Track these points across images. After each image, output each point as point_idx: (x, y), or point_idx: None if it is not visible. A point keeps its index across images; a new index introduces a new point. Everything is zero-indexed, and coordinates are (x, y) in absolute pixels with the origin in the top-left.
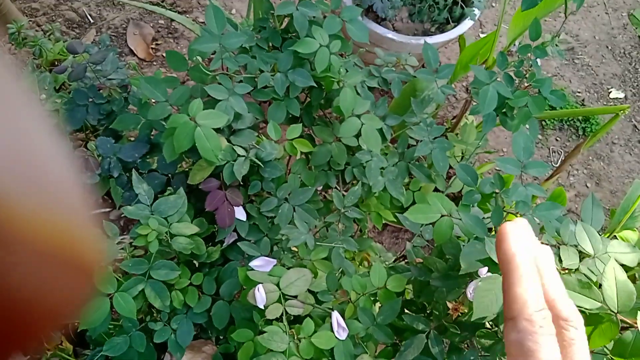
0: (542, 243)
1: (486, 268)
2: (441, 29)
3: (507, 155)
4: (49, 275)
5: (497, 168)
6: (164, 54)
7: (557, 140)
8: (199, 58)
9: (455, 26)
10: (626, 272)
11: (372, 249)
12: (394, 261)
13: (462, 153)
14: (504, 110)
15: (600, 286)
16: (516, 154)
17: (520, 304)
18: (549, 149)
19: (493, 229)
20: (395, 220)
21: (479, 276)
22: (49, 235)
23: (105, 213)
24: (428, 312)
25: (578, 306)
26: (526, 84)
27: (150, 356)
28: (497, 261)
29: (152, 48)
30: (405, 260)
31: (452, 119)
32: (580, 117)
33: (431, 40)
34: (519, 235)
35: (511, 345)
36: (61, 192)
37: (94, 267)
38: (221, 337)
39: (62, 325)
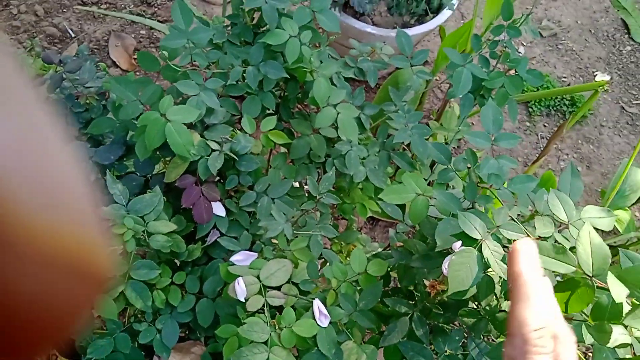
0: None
1: (460, 242)
2: (420, 21)
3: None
4: (56, 282)
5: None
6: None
7: (545, 126)
8: (165, 53)
9: (434, 17)
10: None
11: (358, 241)
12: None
13: (445, 139)
14: (482, 92)
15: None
16: (485, 126)
17: (518, 321)
18: (537, 135)
19: (470, 205)
20: (380, 210)
21: (453, 250)
22: (56, 242)
23: None
24: (412, 295)
25: (553, 271)
26: (504, 67)
27: (137, 358)
28: (471, 235)
29: (134, 58)
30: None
31: (438, 111)
32: (567, 102)
33: (411, 32)
34: (528, 255)
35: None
36: (71, 199)
37: (103, 275)
38: (209, 337)
39: (69, 333)
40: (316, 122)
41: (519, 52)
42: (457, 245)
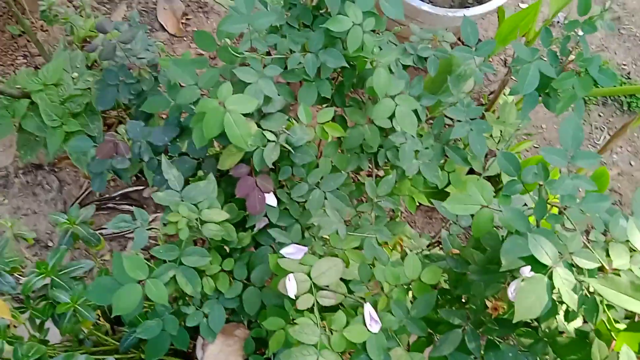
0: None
1: (529, 267)
2: (479, 0)
3: (545, 133)
4: None
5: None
6: (195, 29)
7: (600, 116)
8: (227, 40)
9: None
10: None
11: (404, 233)
12: (428, 246)
13: (501, 133)
14: (547, 90)
15: None
16: (563, 143)
17: None
18: (591, 126)
19: (536, 223)
20: (429, 202)
21: (520, 274)
22: None
23: (138, 191)
24: (463, 301)
25: (629, 311)
26: (570, 60)
27: (183, 339)
28: (541, 261)
29: (182, 23)
30: (440, 246)
31: (489, 95)
32: None
33: (469, 12)
34: None
35: None
36: None
37: None
38: (253, 321)
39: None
40: (373, 114)
41: (579, 35)
42: (526, 270)
